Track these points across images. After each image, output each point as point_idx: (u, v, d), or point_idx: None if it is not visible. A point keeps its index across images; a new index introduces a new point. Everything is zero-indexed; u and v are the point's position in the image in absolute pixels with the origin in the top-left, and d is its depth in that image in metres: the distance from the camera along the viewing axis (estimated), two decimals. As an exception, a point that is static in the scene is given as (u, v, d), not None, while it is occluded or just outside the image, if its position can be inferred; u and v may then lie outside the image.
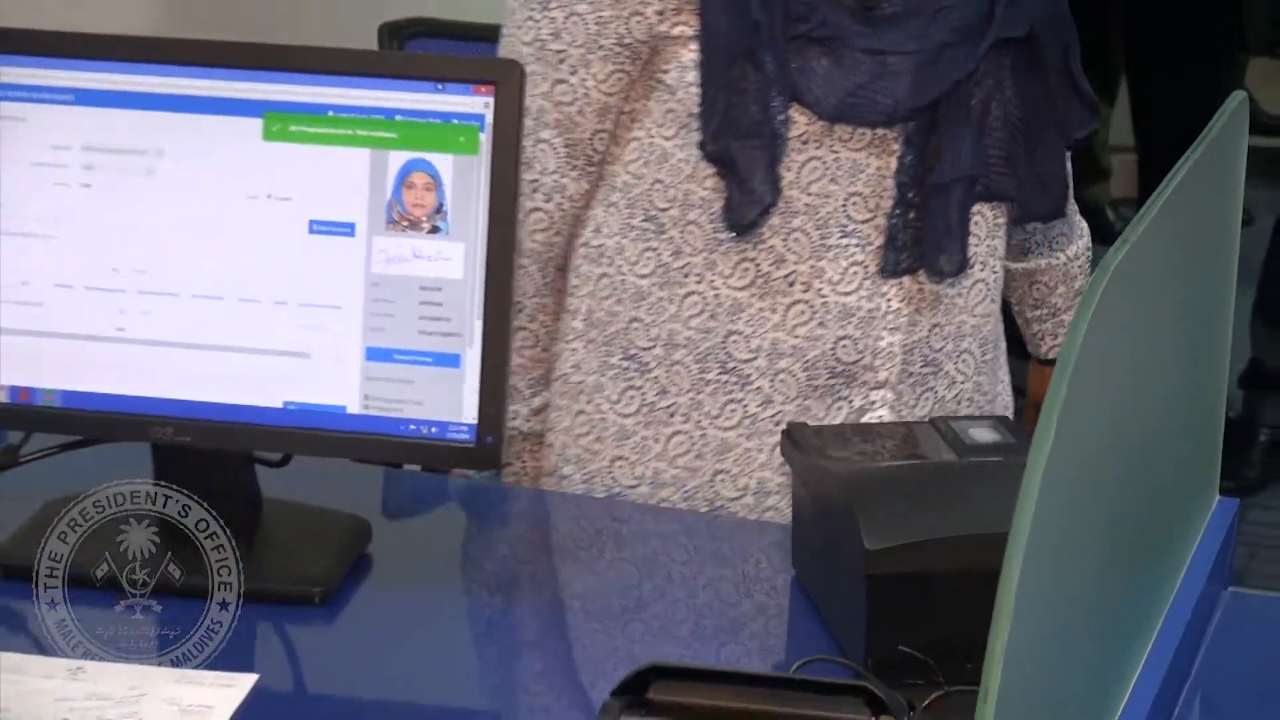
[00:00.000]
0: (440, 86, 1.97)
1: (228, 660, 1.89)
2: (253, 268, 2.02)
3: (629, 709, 1.59)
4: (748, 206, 2.20)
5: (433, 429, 2.00)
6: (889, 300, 2.25)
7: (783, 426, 2.21)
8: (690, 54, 2.22)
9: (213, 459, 2.07)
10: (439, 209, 1.98)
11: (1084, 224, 2.56)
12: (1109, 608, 1.63)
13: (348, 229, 1.99)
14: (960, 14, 2.22)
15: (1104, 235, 2.50)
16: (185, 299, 2.02)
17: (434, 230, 1.98)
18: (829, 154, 2.21)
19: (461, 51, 1.98)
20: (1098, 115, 2.35)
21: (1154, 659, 1.74)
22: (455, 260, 1.98)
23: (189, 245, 2.02)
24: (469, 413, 1.99)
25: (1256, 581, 2.18)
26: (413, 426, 2.00)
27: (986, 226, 2.31)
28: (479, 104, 1.96)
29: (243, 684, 1.85)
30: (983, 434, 1.99)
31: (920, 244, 2.24)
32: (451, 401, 1.99)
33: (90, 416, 2.06)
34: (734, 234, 2.23)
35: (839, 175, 2.22)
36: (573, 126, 2.28)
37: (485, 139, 1.97)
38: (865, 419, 2.26)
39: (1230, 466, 2.06)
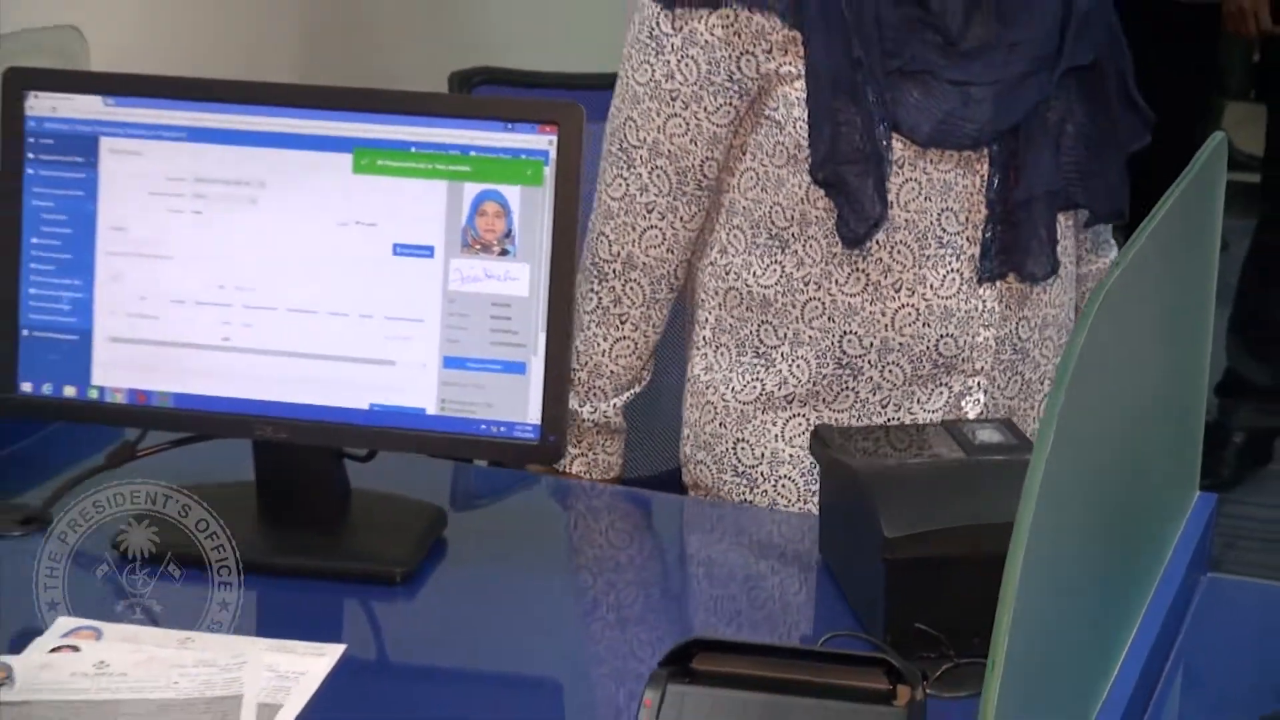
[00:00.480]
0: (509, 126, 1.98)
1: (319, 631, 1.90)
2: (343, 285, 2.03)
3: (674, 677, 1.58)
4: (858, 222, 2.21)
5: (501, 428, 2.01)
6: (985, 301, 2.27)
7: (892, 409, 2.28)
8: (796, 91, 2.23)
9: (307, 454, 2.09)
10: (508, 234, 1.98)
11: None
12: (1101, 590, 1.63)
13: (428, 251, 2.00)
14: (1034, 47, 2.24)
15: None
16: (283, 313, 2.04)
17: (503, 253, 1.99)
18: (923, 175, 2.23)
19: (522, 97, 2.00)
20: (1151, 129, 2.38)
21: (1141, 636, 1.74)
22: (522, 280, 1.99)
23: (287, 265, 2.03)
24: (533, 414, 1.99)
25: (1232, 568, 2.18)
26: (484, 426, 2.01)
27: (1062, 230, 2.32)
28: (544, 141, 1.97)
29: (332, 653, 1.85)
30: (988, 435, 1.98)
31: (1011, 251, 2.26)
32: (518, 404, 2.00)
33: (199, 416, 2.07)
34: (847, 247, 2.24)
35: (933, 193, 2.24)
36: (684, 155, 2.29)
37: (549, 172, 1.97)
38: (963, 402, 2.30)
39: (1208, 465, 2.06)
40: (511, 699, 1.81)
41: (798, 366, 2.31)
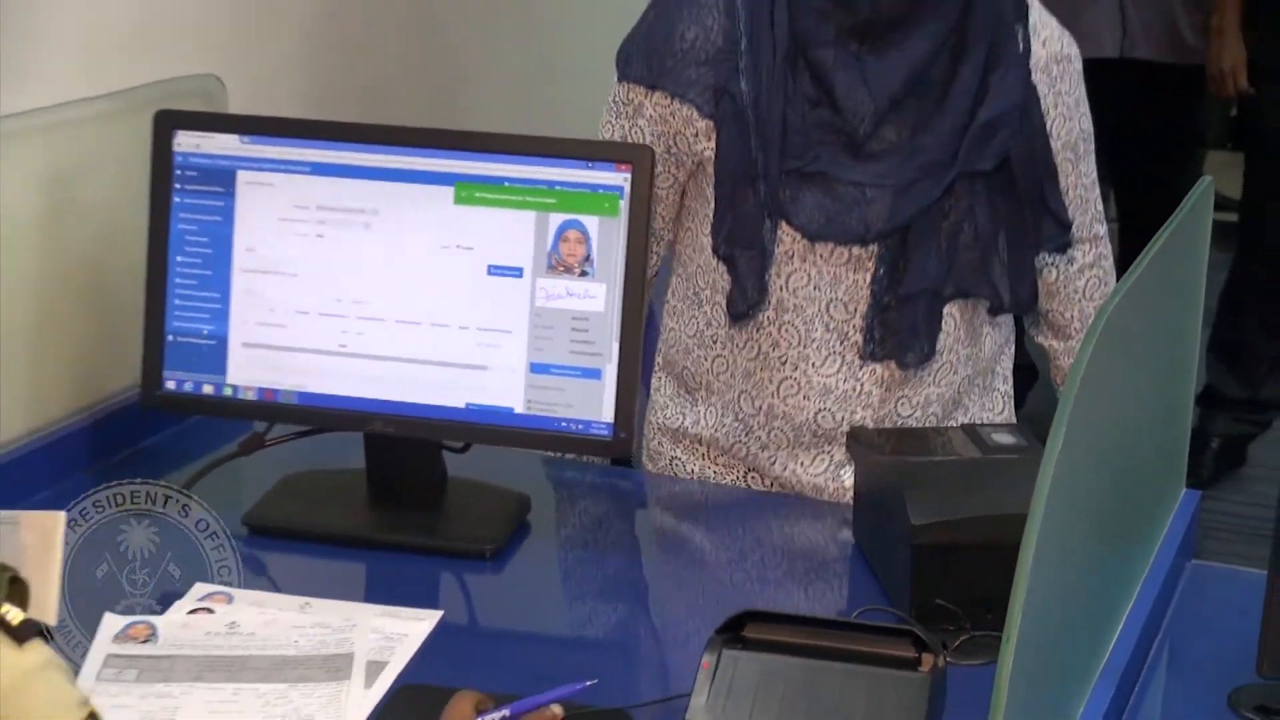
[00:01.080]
0: (590, 164, 1.99)
1: (419, 599, 1.90)
2: (444, 300, 2.03)
3: (728, 643, 1.59)
4: (740, 302, 2.16)
5: (579, 425, 2.01)
6: (863, 384, 2.19)
7: (778, 469, 2.24)
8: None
9: (410, 446, 2.09)
10: (587, 258, 1.99)
11: (1100, 250, 2.37)
12: (1101, 573, 1.63)
13: (517, 272, 2.01)
14: (932, 152, 2.13)
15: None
16: (392, 323, 2.05)
17: (583, 274, 1.99)
18: (813, 267, 2.15)
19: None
20: (1069, 232, 2.24)
21: (1134, 614, 1.75)
22: (599, 298, 1.99)
23: (396, 282, 2.04)
24: (607, 414, 2.00)
25: (1210, 556, 2.18)
26: (564, 424, 2.01)
27: (956, 320, 2.21)
28: (619, 178, 1.98)
29: (430, 618, 1.86)
30: (1003, 437, 1.98)
31: (889, 340, 2.16)
32: (594, 405, 2.00)
33: (318, 412, 2.08)
34: (731, 322, 2.20)
35: (821, 284, 2.16)
36: None
37: (624, 205, 1.98)
38: (841, 471, 2.22)
39: (1190, 466, 2.06)
40: (586, 660, 1.81)
41: (709, 412, 2.28)
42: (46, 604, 1.70)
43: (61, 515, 1.75)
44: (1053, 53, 2.22)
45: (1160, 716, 1.73)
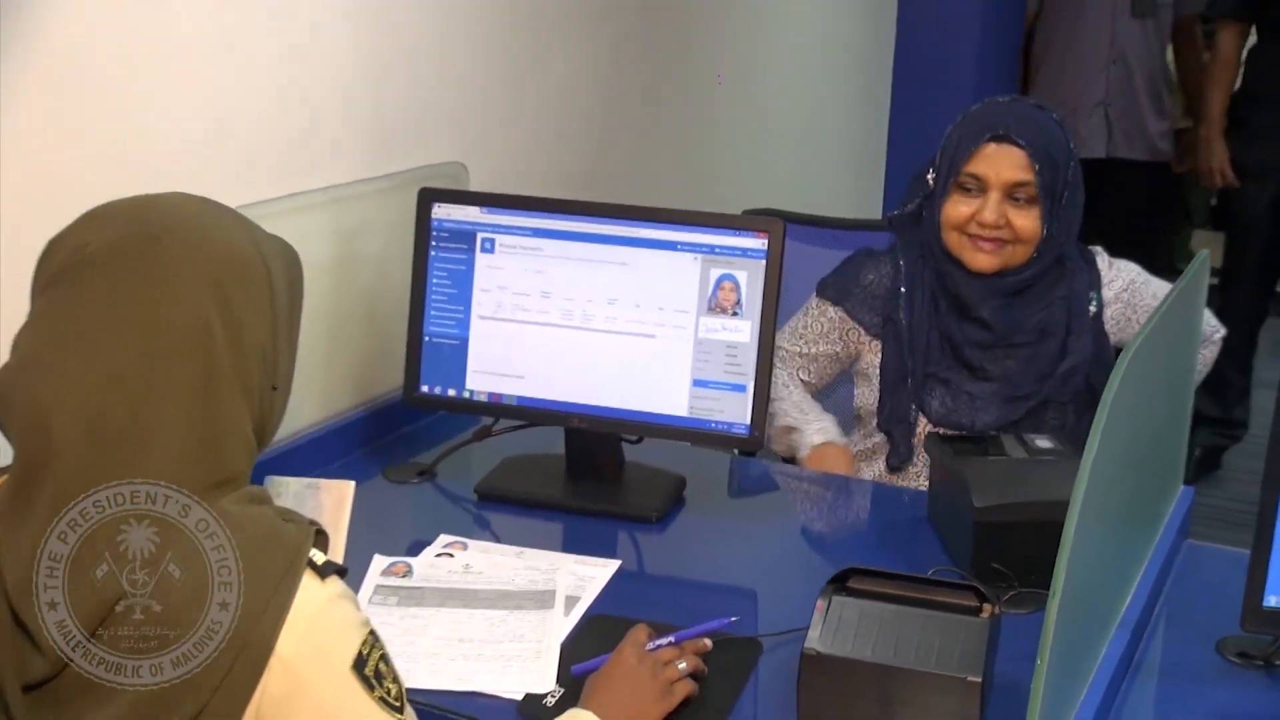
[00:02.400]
0: (739, 232, 1.98)
1: (603, 551, 1.91)
2: (629, 331, 2.03)
3: (836, 591, 1.58)
4: (895, 459, 2.23)
5: (725, 426, 2.01)
6: None
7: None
8: (875, 368, 2.28)
9: (599, 438, 2.10)
10: (737, 302, 1.99)
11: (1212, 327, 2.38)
12: (1120, 547, 1.61)
13: (686, 312, 2.01)
14: (1022, 388, 2.18)
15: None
16: (588, 347, 2.05)
17: (734, 314, 1.99)
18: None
19: (793, 232, 1.96)
20: None
21: (1144, 579, 1.73)
22: (745, 332, 1.99)
23: (596, 316, 2.04)
24: (747, 418, 1.99)
25: (1197, 539, 2.14)
26: (714, 424, 2.01)
27: None
28: (760, 243, 1.97)
29: (611, 566, 1.87)
30: (1043, 443, 1.95)
31: None
32: (739, 411, 2.00)
33: (532, 410, 2.09)
34: (889, 472, 2.25)
35: None
36: (794, 355, 2.35)
37: (764, 263, 1.98)
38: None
39: (1180, 469, 2.04)
40: (728, 601, 1.80)
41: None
42: (338, 549, 1.74)
43: (351, 483, 1.79)
44: (1122, 286, 2.28)
45: (1162, 658, 1.70)
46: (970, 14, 4.32)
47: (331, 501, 1.81)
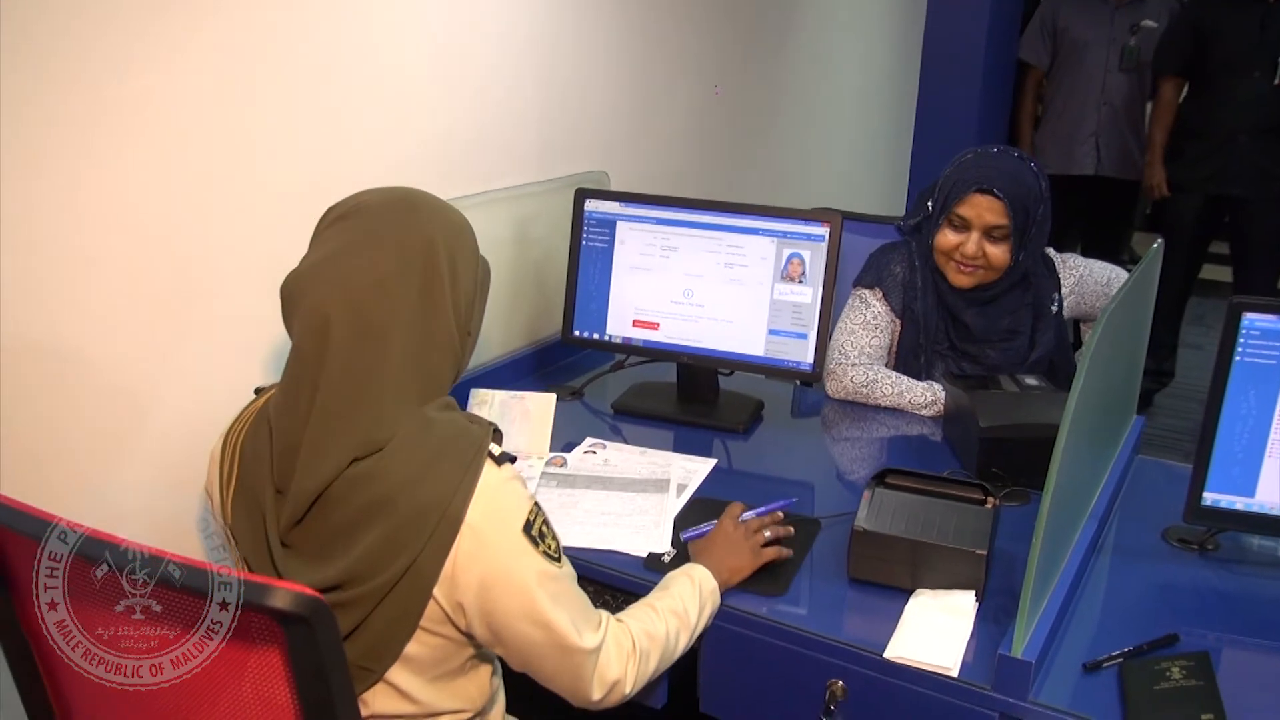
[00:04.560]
0: (805, 221, 1.93)
1: (704, 452, 1.87)
2: (725, 294, 1.99)
3: (878, 484, 1.55)
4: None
5: (793, 364, 1.96)
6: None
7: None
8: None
9: (702, 370, 2.06)
10: (803, 274, 1.93)
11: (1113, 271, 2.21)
12: (1093, 459, 1.55)
13: (764, 280, 1.96)
14: (1014, 354, 2.07)
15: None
16: (698, 304, 2.01)
17: (800, 282, 1.94)
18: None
19: (849, 225, 1.88)
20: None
21: (1108, 484, 1.67)
22: (808, 295, 1.93)
23: (703, 283, 1.99)
24: (809, 358, 1.95)
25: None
26: (784, 362, 1.96)
27: None
28: (822, 230, 1.92)
29: (710, 464, 1.84)
30: (1031, 381, 1.88)
31: None
32: (802, 352, 1.95)
33: (654, 350, 2.05)
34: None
35: None
36: (852, 340, 2.14)
37: (824, 245, 1.92)
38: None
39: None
40: (792, 489, 1.77)
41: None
42: (543, 445, 1.74)
43: (553, 396, 1.83)
44: (1075, 281, 2.15)
45: (1119, 542, 1.63)
46: (973, 67, 4.33)
47: (537, 409, 1.83)
